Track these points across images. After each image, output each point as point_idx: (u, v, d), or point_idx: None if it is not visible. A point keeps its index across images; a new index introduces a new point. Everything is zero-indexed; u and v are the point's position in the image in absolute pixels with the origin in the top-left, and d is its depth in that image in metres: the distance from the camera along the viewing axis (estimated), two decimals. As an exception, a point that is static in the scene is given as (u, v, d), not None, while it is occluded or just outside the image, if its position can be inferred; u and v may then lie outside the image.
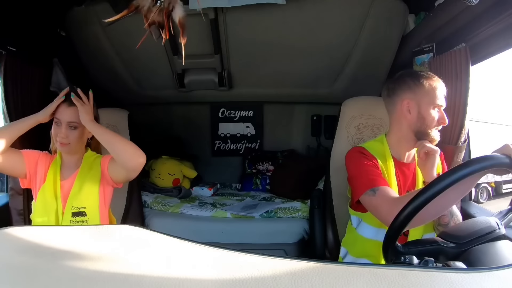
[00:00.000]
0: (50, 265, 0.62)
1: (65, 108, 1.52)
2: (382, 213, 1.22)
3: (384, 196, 1.24)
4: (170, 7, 1.26)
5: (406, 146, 1.44)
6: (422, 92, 1.39)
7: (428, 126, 1.37)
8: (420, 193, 0.87)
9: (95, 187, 1.55)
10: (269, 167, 3.28)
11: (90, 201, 1.54)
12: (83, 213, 1.52)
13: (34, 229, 0.90)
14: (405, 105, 1.40)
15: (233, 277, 0.54)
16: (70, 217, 1.51)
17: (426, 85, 1.39)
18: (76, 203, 1.52)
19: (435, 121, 1.37)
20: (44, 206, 1.52)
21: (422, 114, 1.38)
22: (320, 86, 2.79)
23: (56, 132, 1.51)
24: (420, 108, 1.38)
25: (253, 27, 2.24)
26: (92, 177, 1.55)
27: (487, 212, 1.72)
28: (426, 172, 1.33)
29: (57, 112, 1.52)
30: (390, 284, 0.51)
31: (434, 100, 1.37)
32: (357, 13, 2.11)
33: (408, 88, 1.41)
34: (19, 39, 1.95)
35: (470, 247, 0.85)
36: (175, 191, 2.80)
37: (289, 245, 2.25)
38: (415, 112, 1.39)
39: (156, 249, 0.67)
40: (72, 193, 1.52)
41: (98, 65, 2.61)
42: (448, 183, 0.84)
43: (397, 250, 0.90)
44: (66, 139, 1.51)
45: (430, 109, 1.37)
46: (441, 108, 1.38)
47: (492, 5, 1.48)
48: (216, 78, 2.68)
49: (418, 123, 1.39)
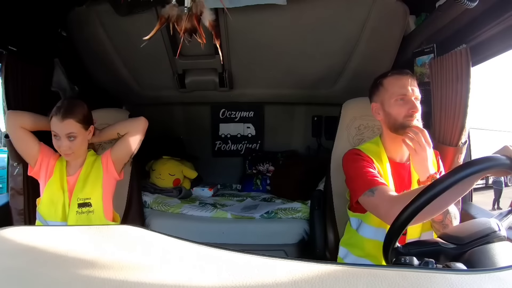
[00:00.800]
0: (50, 265, 0.62)
1: (59, 122, 1.58)
2: (382, 212, 1.23)
3: (383, 196, 1.25)
4: (199, 11, 1.30)
5: (396, 146, 1.47)
6: (382, 90, 1.46)
7: (397, 119, 1.40)
8: (422, 194, 0.87)
9: (98, 181, 1.69)
10: (269, 167, 3.28)
11: (95, 193, 1.67)
12: (89, 203, 1.65)
13: (34, 229, 0.90)
14: (374, 109, 1.50)
15: (233, 277, 0.54)
16: (76, 208, 1.64)
17: (384, 83, 1.46)
18: (82, 195, 1.65)
19: (403, 111, 1.39)
20: (51, 198, 1.64)
21: (387, 111, 1.43)
22: (320, 87, 2.79)
23: (58, 145, 1.60)
24: (384, 106, 1.44)
25: (254, 27, 2.24)
26: (95, 174, 1.69)
27: (487, 213, 1.72)
28: (419, 165, 1.32)
29: (53, 126, 1.59)
30: (390, 285, 0.51)
31: (394, 92, 1.41)
32: (358, 14, 2.11)
33: (372, 94, 1.52)
34: (20, 39, 1.96)
35: (471, 248, 0.85)
36: (176, 191, 2.80)
37: (289, 245, 2.25)
38: (382, 112, 1.46)
39: (156, 250, 0.67)
40: (77, 186, 1.65)
41: (99, 65, 2.61)
42: (449, 183, 0.84)
43: (398, 251, 0.90)
44: (69, 149, 1.61)
45: (392, 102, 1.41)
46: (406, 96, 1.40)
47: (492, 6, 1.49)
48: (216, 79, 2.68)
49: (387, 120, 1.44)
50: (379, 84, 1.48)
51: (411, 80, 1.43)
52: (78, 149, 1.64)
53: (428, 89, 1.87)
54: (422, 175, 1.31)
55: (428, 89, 1.89)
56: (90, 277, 0.57)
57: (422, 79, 2.01)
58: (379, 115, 1.48)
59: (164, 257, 0.64)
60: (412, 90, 1.41)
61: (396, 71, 1.49)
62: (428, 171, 1.30)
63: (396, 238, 0.90)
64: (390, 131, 1.44)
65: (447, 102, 1.71)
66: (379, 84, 1.48)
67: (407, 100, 1.39)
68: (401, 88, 1.40)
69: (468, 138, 1.73)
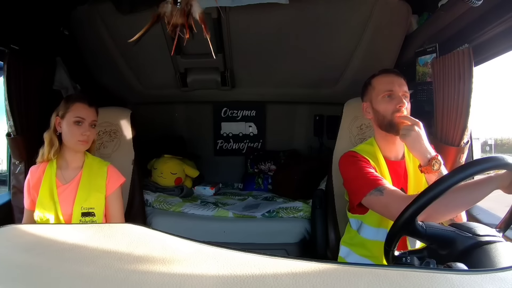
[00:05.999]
0: (52, 263, 0.62)
1: (88, 108, 1.64)
2: (393, 210, 1.21)
3: (393, 195, 1.25)
4: (188, 6, 1.29)
5: (389, 145, 1.48)
6: (370, 89, 1.49)
7: (385, 116, 1.42)
8: (423, 193, 0.87)
9: (102, 191, 1.67)
10: (271, 167, 3.28)
11: (98, 202, 1.65)
12: (92, 213, 1.63)
13: (36, 227, 0.90)
14: (364, 108, 1.53)
15: (235, 276, 0.54)
16: (79, 217, 1.61)
17: (372, 82, 1.49)
18: (86, 204, 1.63)
19: (390, 107, 1.40)
20: (44, 215, 1.60)
21: (375, 109, 1.46)
22: (322, 86, 2.79)
23: (80, 131, 1.61)
24: (372, 104, 1.47)
25: (256, 27, 2.24)
26: (98, 183, 1.67)
27: (489, 213, 1.72)
28: (417, 151, 1.31)
29: (79, 112, 1.62)
30: (391, 284, 0.51)
31: (381, 89, 1.44)
32: (360, 13, 2.10)
33: (362, 94, 1.55)
34: (22, 38, 1.96)
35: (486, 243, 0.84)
36: (177, 190, 2.80)
37: (290, 245, 2.25)
38: (371, 110, 1.49)
39: (158, 248, 0.67)
40: (80, 195, 1.63)
41: (101, 64, 2.61)
42: (451, 183, 0.84)
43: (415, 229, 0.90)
44: (89, 137, 1.64)
45: (380, 99, 1.43)
46: (393, 92, 1.41)
47: (495, 6, 1.48)
48: (218, 78, 2.68)
49: (376, 117, 1.46)
50: (368, 84, 1.51)
51: (398, 78, 1.44)
52: (91, 139, 1.67)
53: (430, 88, 1.87)
54: (423, 159, 1.30)
55: (430, 88, 1.89)
56: (92, 275, 0.57)
57: (424, 79, 2.00)
58: (369, 114, 1.51)
59: (166, 255, 0.64)
60: (399, 87, 1.42)
61: (383, 70, 1.52)
62: (427, 152, 1.29)
63: (398, 236, 0.90)
64: (381, 129, 1.46)
65: (449, 102, 1.70)
66: (368, 84, 1.52)
67: (394, 96, 1.41)
68: (388, 84, 1.43)
69: (470, 138, 1.73)
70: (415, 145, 1.30)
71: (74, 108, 1.61)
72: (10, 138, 1.93)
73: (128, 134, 2.07)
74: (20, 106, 1.91)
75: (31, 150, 1.96)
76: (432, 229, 0.90)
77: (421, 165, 1.31)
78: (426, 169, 1.28)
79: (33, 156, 1.71)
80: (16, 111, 1.90)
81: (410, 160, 1.48)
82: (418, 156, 1.31)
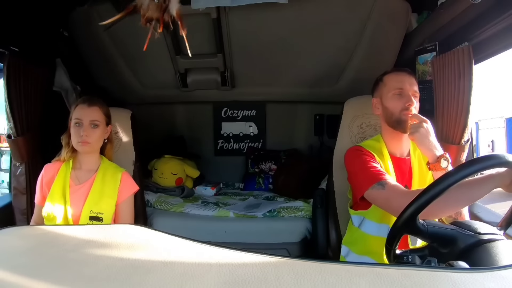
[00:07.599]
0: (53, 264, 0.63)
1: (86, 108, 1.62)
2: (394, 205, 1.22)
3: (395, 189, 1.26)
4: (166, 2, 1.27)
5: (395, 142, 1.49)
6: (381, 86, 1.51)
7: (393, 113, 1.43)
8: (424, 192, 0.87)
9: (113, 197, 1.65)
10: (271, 166, 3.28)
11: (108, 208, 1.63)
12: (101, 218, 1.61)
13: (37, 229, 0.90)
14: (374, 104, 1.54)
15: (236, 276, 0.54)
16: (87, 220, 1.60)
17: (384, 79, 1.50)
18: (96, 209, 1.61)
19: (399, 104, 1.42)
20: (52, 211, 1.59)
21: (385, 105, 1.47)
22: (322, 85, 2.78)
23: (78, 132, 1.59)
24: (382, 100, 1.49)
25: (255, 26, 2.24)
26: (110, 188, 1.65)
27: (490, 211, 1.71)
28: (426, 147, 1.32)
29: (77, 113, 1.61)
30: (392, 283, 0.51)
31: (392, 86, 1.45)
32: (360, 12, 2.10)
33: (373, 90, 1.56)
34: (22, 39, 1.96)
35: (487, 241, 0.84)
36: (178, 190, 2.80)
37: (291, 244, 2.25)
38: (380, 106, 1.50)
39: (159, 248, 0.67)
40: (90, 198, 1.61)
41: (101, 65, 2.62)
42: (451, 182, 0.84)
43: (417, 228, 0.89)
44: (89, 138, 1.60)
45: (390, 96, 1.45)
46: (403, 90, 1.43)
47: (495, 4, 1.48)
48: (218, 78, 2.68)
49: (385, 114, 1.47)
50: (380, 80, 1.53)
51: (410, 77, 1.46)
52: (95, 142, 1.63)
53: (431, 87, 1.87)
54: (432, 156, 1.30)
55: (430, 87, 1.88)
56: (94, 276, 0.57)
57: (424, 77, 2.00)
58: (378, 109, 1.52)
59: (167, 256, 0.64)
60: (410, 86, 1.43)
61: (396, 68, 1.54)
62: (436, 149, 1.30)
63: (400, 235, 0.90)
64: (388, 125, 1.47)
65: (449, 100, 1.70)
66: (379, 81, 1.53)
67: (404, 95, 1.42)
68: (399, 83, 1.44)
69: (471, 136, 1.73)
70: (424, 141, 1.31)
71: (75, 110, 1.62)
72: (10, 140, 1.93)
73: (129, 135, 2.07)
74: (20, 107, 1.91)
75: (31, 151, 1.97)
76: (433, 228, 0.90)
77: (430, 162, 1.32)
78: (435, 166, 1.29)
79: (34, 157, 1.71)
80: (16, 112, 1.90)
81: (416, 158, 1.49)
82: (427, 152, 1.32)
